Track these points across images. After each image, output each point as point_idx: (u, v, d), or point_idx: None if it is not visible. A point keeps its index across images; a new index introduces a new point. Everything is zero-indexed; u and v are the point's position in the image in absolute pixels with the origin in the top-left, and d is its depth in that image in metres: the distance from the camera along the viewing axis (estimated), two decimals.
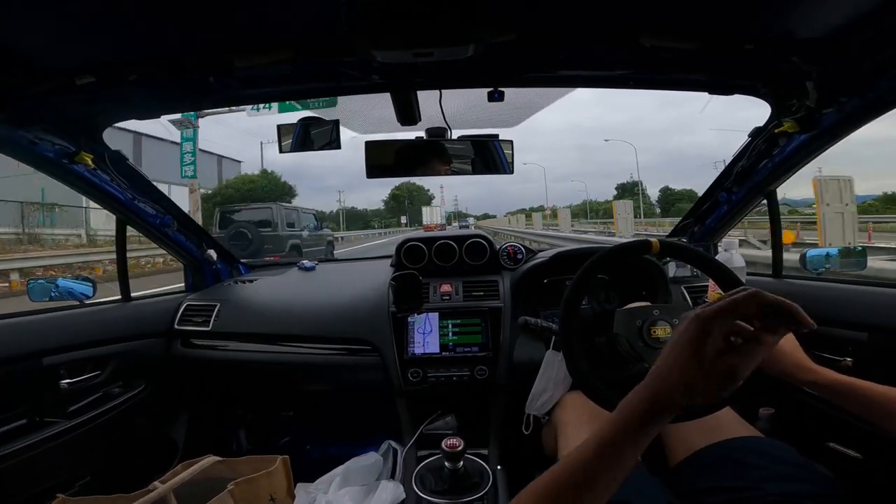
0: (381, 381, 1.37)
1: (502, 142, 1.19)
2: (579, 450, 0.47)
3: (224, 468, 1.21)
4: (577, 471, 0.46)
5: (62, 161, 1.15)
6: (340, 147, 1.17)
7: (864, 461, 0.98)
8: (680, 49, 0.87)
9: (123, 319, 1.47)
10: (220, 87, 1.03)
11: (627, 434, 0.45)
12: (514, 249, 1.60)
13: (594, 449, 0.46)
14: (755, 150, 1.23)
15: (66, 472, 1.24)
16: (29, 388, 1.17)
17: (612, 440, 0.46)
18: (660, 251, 0.83)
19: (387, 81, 1.04)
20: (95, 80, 0.91)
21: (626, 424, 0.46)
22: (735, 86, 1.10)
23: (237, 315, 1.53)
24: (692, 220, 1.61)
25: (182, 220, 1.59)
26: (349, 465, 1.31)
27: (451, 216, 71.56)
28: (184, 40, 0.86)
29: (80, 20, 0.75)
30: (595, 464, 0.45)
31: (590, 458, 0.46)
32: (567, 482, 0.46)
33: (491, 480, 1.15)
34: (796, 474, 0.74)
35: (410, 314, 1.39)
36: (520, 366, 1.32)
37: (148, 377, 1.47)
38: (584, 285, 0.85)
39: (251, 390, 1.69)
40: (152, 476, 1.14)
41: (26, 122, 1.03)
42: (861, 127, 0.99)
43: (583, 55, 0.99)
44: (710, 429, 0.85)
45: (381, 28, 0.74)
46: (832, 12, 0.77)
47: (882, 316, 0.98)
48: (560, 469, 0.48)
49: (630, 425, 0.45)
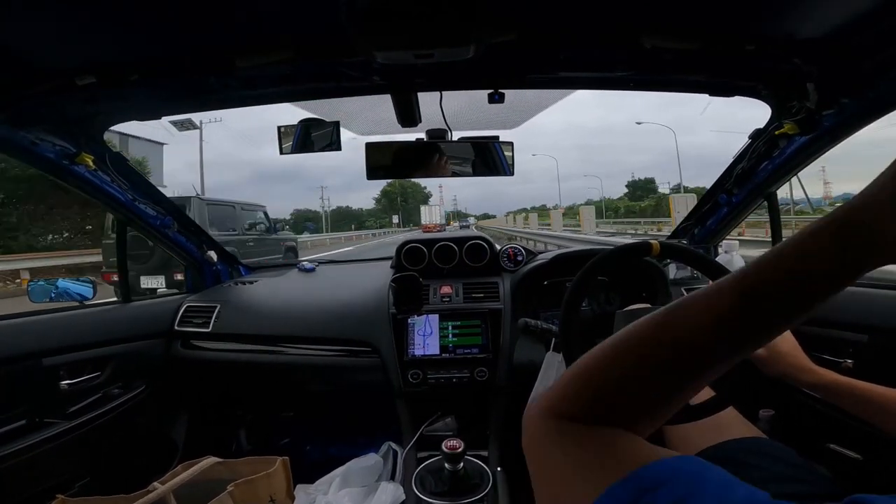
0: (381, 383, 1.37)
1: (503, 143, 1.19)
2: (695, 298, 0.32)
3: (224, 469, 1.21)
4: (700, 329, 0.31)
5: (63, 162, 1.15)
6: (341, 148, 1.18)
7: (864, 462, 0.97)
8: (680, 50, 0.87)
9: (123, 320, 1.47)
10: (220, 87, 1.03)
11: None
12: (515, 251, 1.60)
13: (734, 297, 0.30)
14: (755, 152, 1.23)
15: (66, 472, 1.24)
16: (29, 389, 1.17)
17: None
18: (660, 253, 0.83)
19: (387, 82, 1.05)
20: (96, 81, 0.91)
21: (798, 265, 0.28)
22: (736, 87, 1.10)
23: (237, 316, 1.53)
24: (693, 222, 1.61)
25: (182, 221, 1.59)
26: (349, 466, 1.31)
27: (450, 216, 70.70)
28: (185, 40, 0.86)
29: (80, 20, 0.75)
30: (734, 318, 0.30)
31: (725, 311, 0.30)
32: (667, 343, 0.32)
33: (491, 482, 1.15)
34: (796, 475, 0.74)
35: (410, 315, 1.39)
36: (520, 367, 1.32)
37: (148, 378, 1.47)
38: (584, 287, 0.85)
39: (251, 391, 1.69)
40: (152, 477, 1.14)
41: (27, 122, 1.04)
42: (861, 129, 0.99)
43: (583, 56, 0.99)
44: (710, 429, 0.85)
45: (382, 28, 0.74)
46: (832, 12, 0.77)
47: (882, 317, 0.98)
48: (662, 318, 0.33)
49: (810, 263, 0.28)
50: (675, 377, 0.33)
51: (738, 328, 0.30)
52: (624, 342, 0.34)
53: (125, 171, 1.32)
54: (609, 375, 0.34)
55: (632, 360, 0.33)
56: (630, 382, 0.33)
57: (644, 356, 0.33)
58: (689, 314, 0.32)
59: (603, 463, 0.31)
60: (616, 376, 0.34)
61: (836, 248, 0.27)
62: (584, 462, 0.32)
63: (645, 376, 0.33)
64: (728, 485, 0.26)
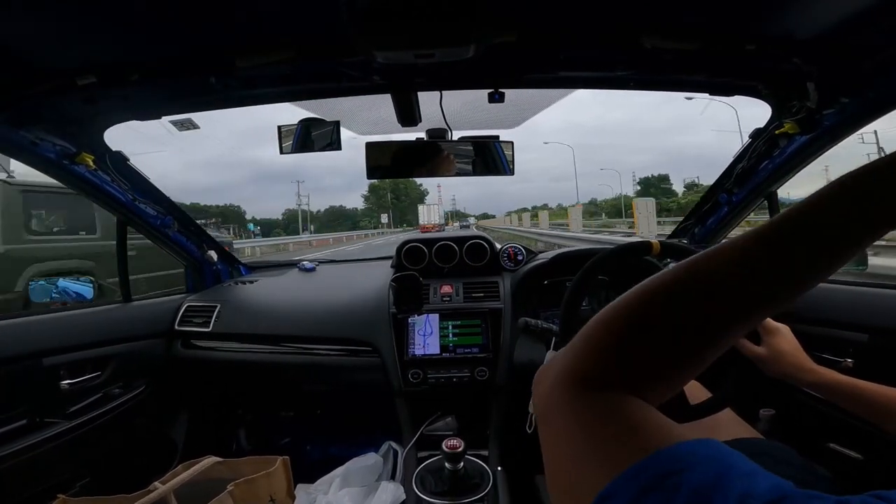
0: (381, 382, 1.37)
1: (503, 143, 1.19)
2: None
3: (224, 469, 1.21)
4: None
5: (63, 162, 1.16)
6: (341, 148, 1.18)
7: (864, 462, 0.98)
8: (680, 50, 0.87)
9: (124, 320, 1.47)
10: (220, 87, 1.03)
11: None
12: (515, 251, 1.60)
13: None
14: (755, 152, 1.23)
15: (67, 472, 1.24)
16: (29, 389, 1.17)
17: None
18: (660, 252, 0.84)
19: (387, 82, 1.05)
20: (96, 81, 0.91)
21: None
22: (736, 87, 1.10)
23: (237, 316, 1.54)
24: (693, 222, 1.61)
25: (183, 221, 1.59)
26: (349, 465, 1.31)
27: (449, 216, 69.54)
28: (185, 40, 0.86)
29: (80, 20, 0.75)
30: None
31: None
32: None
33: (491, 481, 1.15)
34: (796, 475, 0.74)
35: (411, 315, 1.39)
36: (520, 367, 1.32)
37: (148, 378, 1.47)
38: (584, 286, 0.85)
39: (251, 391, 1.69)
40: (152, 476, 1.14)
41: (27, 122, 1.04)
42: (861, 128, 0.99)
43: (583, 56, 0.99)
44: (710, 429, 0.85)
45: (382, 28, 0.74)
46: (832, 12, 0.77)
47: (883, 317, 0.98)
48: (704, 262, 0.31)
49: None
50: (701, 328, 0.30)
51: (767, 271, 0.29)
52: (648, 292, 0.32)
53: (125, 171, 1.32)
54: (632, 324, 0.32)
55: (657, 309, 0.31)
56: (654, 333, 0.31)
57: (670, 304, 0.31)
58: (717, 261, 0.30)
59: (625, 440, 0.29)
60: (639, 325, 0.31)
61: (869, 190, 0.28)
62: (603, 437, 0.30)
63: (670, 326, 0.30)
64: (753, 473, 0.25)
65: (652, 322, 0.31)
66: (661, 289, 0.31)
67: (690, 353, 0.31)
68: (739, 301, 0.30)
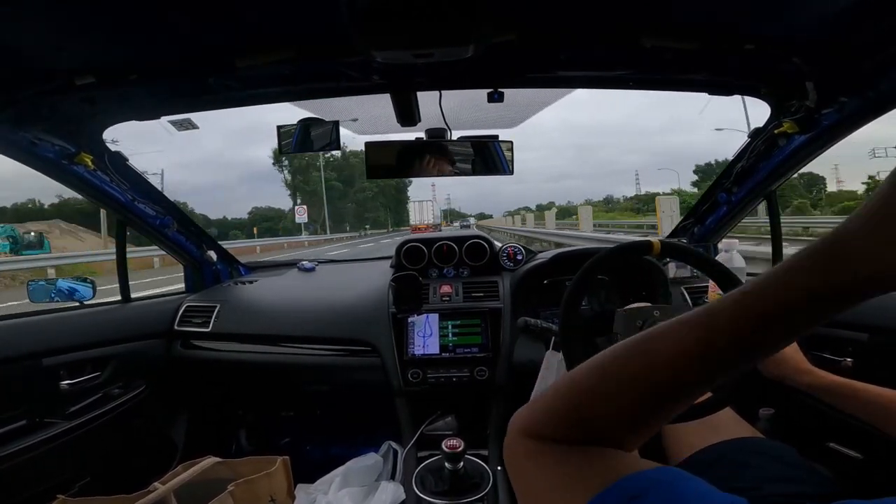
0: (381, 382, 1.37)
1: (502, 142, 1.19)
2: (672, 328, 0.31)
3: (224, 469, 1.21)
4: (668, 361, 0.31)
5: (62, 162, 1.15)
6: (340, 147, 1.18)
7: (864, 461, 0.98)
8: (680, 49, 0.87)
9: (123, 320, 1.47)
10: (220, 87, 1.03)
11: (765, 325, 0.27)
12: (514, 250, 1.60)
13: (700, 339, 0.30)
14: (755, 151, 1.23)
15: (66, 472, 1.24)
16: (29, 389, 1.17)
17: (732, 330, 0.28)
18: (660, 252, 0.83)
19: (387, 82, 1.04)
20: (95, 81, 0.91)
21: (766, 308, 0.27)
22: (735, 86, 1.10)
23: (237, 316, 1.53)
24: (692, 221, 1.61)
25: (182, 221, 1.59)
26: (349, 465, 1.31)
27: (446, 215, 68.80)
28: (184, 40, 0.86)
29: (80, 20, 0.75)
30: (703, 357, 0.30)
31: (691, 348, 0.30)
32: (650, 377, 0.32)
33: (491, 481, 1.15)
34: (796, 475, 0.74)
35: (410, 315, 1.39)
36: (520, 366, 1.32)
37: (148, 378, 1.47)
38: (584, 285, 0.85)
39: (251, 391, 1.69)
40: (152, 477, 1.14)
41: (26, 122, 1.03)
42: (860, 127, 0.99)
43: (583, 55, 0.99)
44: (710, 429, 0.85)
45: (382, 28, 0.74)
46: (832, 12, 0.77)
47: (882, 317, 0.98)
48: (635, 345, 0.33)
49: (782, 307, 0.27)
50: (657, 401, 0.33)
51: (709, 362, 0.30)
52: (603, 367, 0.35)
53: (124, 171, 1.32)
54: (589, 399, 0.35)
55: (612, 386, 0.34)
56: (611, 406, 0.33)
57: (624, 381, 0.33)
58: (664, 346, 0.31)
59: (584, 475, 0.31)
60: (596, 399, 0.34)
61: (816, 278, 0.26)
62: (565, 479, 0.33)
63: (626, 401, 0.33)
64: (706, 494, 0.28)
65: (610, 393, 0.34)
66: (617, 367, 0.34)
67: (646, 420, 0.34)
68: (683, 383, 0.32)
